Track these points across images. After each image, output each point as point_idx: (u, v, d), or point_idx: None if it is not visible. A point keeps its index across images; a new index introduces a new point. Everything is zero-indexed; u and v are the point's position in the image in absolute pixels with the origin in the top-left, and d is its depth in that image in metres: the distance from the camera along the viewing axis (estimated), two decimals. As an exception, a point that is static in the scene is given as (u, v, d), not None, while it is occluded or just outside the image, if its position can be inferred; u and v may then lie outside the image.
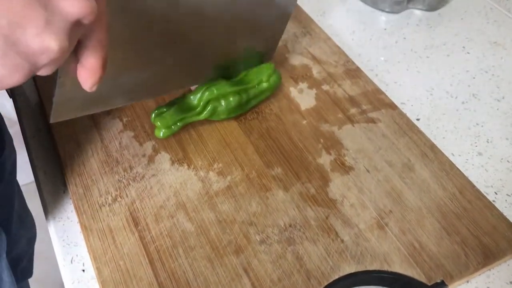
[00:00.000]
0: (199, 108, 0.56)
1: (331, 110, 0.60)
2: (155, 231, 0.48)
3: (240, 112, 0.58)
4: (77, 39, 0.29)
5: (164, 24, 0.47)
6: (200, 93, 0.56)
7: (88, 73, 0.32)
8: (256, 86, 0.58)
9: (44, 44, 0.27)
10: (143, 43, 0.47)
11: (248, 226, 0.49)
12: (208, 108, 0.56)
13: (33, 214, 0.90)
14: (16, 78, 0.28)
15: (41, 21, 0.26)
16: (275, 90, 0.61)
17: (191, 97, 0.56)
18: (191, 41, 0.52)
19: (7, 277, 0.58)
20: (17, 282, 0.69)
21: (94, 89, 0.33)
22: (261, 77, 0.59)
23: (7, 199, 0.70)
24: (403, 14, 0.78)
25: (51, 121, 0.46)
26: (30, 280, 0.92)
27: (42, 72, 0.30)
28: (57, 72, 0.39)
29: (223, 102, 0.56)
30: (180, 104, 0.56)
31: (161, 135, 0.55)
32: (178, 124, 0.55)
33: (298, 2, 0.76)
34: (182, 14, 0.48)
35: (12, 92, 0.63)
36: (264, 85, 0.59)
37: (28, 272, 0.85)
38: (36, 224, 0.89)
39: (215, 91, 0.56)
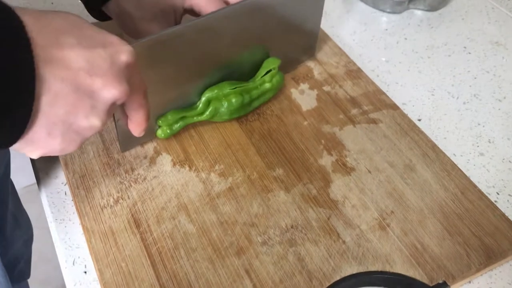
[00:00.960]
0: (200, 107, 0.56)
1: (332, 111, 0.60)
2: (156, 233, 0.48)
3: (242, 114, 0.58)
4: (116, 109, 0.39)
5: (197, 61, 0.54)
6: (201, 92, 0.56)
7: (134, 125, 0.43)
8: (259, 86, 0.58)
9: (91, 123, 0.36)
10: (180, 79, 0.54)
11: (250, 228, 0.49)
12: (210, 109, 0.56)
13: (35, 216, 0.90)
14: (72, 147, 0.37)
15: (88, 108, 0.35)
16: (278, 91, 0.61)
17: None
18: (226, 68, 0.57)
19: (2, 277, 0.58)
20: (14, 283, 0.69)
21: (142, 134, 0.44)
22: (265, 71, 0.59)
23: (0, 199, 0.71)
24: (404, 15, 0.78)
25: (122, 151, 0.55)
26: (32, 282, 0.92)
27: None
28: (115, 117, 0.50)
29: (224, 103, 0.56)
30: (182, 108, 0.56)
31: (162, 135, 0.55)
32: (180, 123, 0.55)
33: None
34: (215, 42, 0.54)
35: None
36: (267, 85, 0.59)
37: (26, 273, 0.85)
38: (38, 226, 0.89)
39: (215, 90, 0.56)
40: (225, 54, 0.56)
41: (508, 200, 0.54)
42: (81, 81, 0.34)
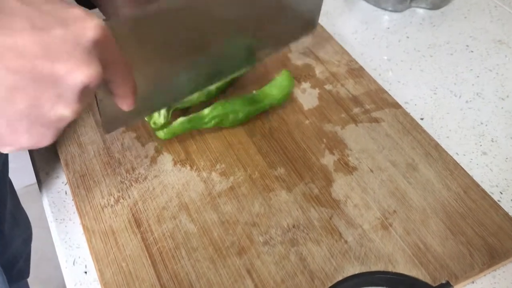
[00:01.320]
0: (206, 120, 0.55)
1: (334, 110, 0.60)
2: (157, 233, 0.48)
3: (245, 121, 0.58)
4: (91, 94, 0.34)
5: (187, 32, 0.49)
6: (212, 109, 0.55)
7: (121, 99, 0.38)
8: (266, 99, 0.58)
9: (59, 114, 0.32)
10: (171, 52, 0.49)
11: (251, 227, 0.49)
12: (216, 120, 0.55)
13: (35, 215, 0.90)
14: (45, 141, 0.33)
15: (52, 97, 0.31)
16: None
17: (205, 111, 0.55)
18: (221, 39, 0.52)
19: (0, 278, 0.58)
20: (13, 282, 0.69)
21: (132, 107, 0.39)
22: (275, 92, 0.58)
23: None
24: (406, 13, 0.78)
25: (105, 133, 0.50)
26: (33, 281, 0.92)
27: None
28: (97, 96, 0.43)
29: (231, 116, 0.56)
30: (192, 118, 0.55)
31: (163, 135, 0.55)
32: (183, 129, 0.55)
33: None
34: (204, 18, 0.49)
35: None
36: (275, 102, 0.59)
37: (25, 272, 0.85)
38: (39, 225, 0.89)
39: (227, 107, 0.56)
40: (213, 36, 0.51)
41: (511, 200, 0.53)
42: (39, 70, 0.30)
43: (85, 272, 0.47)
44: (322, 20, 0.74)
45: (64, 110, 0.32)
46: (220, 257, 0.46)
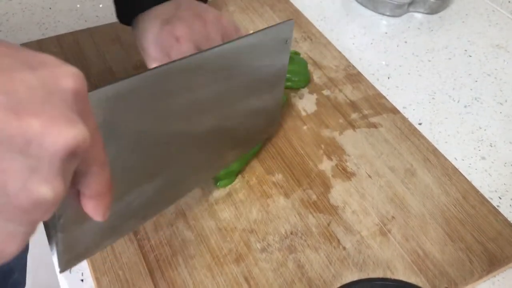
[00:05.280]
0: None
1: (332, 115, 0.60)
2: (154, 240, 0.48)
3: None
4: (72, 173, 0.23)
5: (155, 146, 0.41)
6: None
7: (95, 201, 0.26)
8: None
9: (33, 196, 0.21)
10: (140, 162, 0.40)
11: (249, 234, 0.48)
12: None
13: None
14: (11, 249, 0.22)
15: (23, 170, 0.21)
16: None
17: None
18: (191, 153, 0.46)
19: None
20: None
21: (107, 216, 0.27)
22: None
23: None
24: (404, 18, 0.77)
25: (61, 272, 0.37)
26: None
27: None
28: (54, 215, 0.32)
29: None
30: None
31: None
32: None
33: (299, 7, 0.76)
34: (172, 137, 0.42)
35: None
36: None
37: (21, 284, 0.84)
38: (38, 231, 0.88)
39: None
40: (189, 121, 0.43)
41: (510, 205, 0.53)
42: (3, 129, 0.20)
43: (82, 280, 0.47)
44: (320, 25, 0.74)
45: (42, 189, 0.21)
46: (218, 265, 0.46)
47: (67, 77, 0.23)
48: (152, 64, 0.48)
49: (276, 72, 0.51)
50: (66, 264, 0.37)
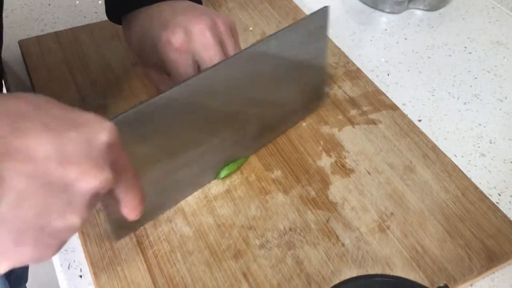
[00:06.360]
0: None
1: (331, 112, 0.60)
2: (153, 236, 0.48)
3: None
4: (98, 201, 0.31)
5: (192, 128, 0.47)
6: None
7: (128, 209, 0.34)
8: None
9: (68, 223, 0.29)
10: (173, 150, 0.47)
11: (247, 230, 0.48)
12: None
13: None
14: (47, 255, 0.30)
15: (63, 205, 0.28)
16: None
17: None
18: (224, 134, 0.50)
19: (1, 284, 0.57)
20: (12, 288, 0.68)
21: (138, 217, 0.35)
22: None
23: None
24: (404, 15, 0.77)
25: (116, 240, 0.47)
26: (31, 285, 0.92)
27: None
28: (103, 204, 0.42)
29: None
30: None
31: None
32: None
33: (298, 4, 0.76)
34: (216, 103, 0.48)
35: (6, 84, 0.63)
36: None
37: (23, 279, 0.84)
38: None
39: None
40: (218, 126, 0.49)
41: (510, 202, 0.53)
42: (51, 174, 0.27)
43: (80, 276, 0.47)
44: (320, 21, 0.74)
45: (73, 219, 0.29)
46: (216, 261, 0.46)
47: (103, 133, 0.30)
48: (150, 72, 0.50)
49: (316, 54, 0.56)
50: (118, 235, 0.47)
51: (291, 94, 0.56)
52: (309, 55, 0.54)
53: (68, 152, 0.28)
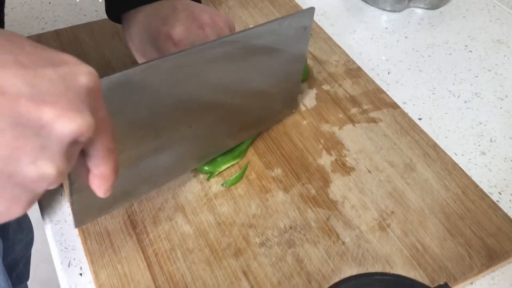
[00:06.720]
0: None
1: (332, 110, 0.60)
2: (153, 234, 0.48)
3: None
4: (77, 155, 0.28)
5: (174, 107, 0.45)
6: None
7: (99, 180, 0.30)
8: None
9: (40, 171, 0.25)
10: (155, 129, 0.45)
11: (248, 229, 0.48)
12: None
13: (31, 217, 0.89)
14: (16, 210, 0.26)
15: (35, 149, 0.25)
16: None
17: None
18: (206, 119, 0.49)
19: (3, 281, 0.57)
20: (13, 286, 0.68)
21: (108, 194, 0.31)
22: None
23: None
24: (405, 13, 0.77)
25: (76, 227, 0.45)
26: (32, 283, 0.92)
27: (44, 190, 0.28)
28: (70, 178, 0.38)
29: None
30: None
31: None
32: None
33: (298, 2, 0.76)
34: (193, 95, 0.46)
35: None
36: None
37: (24, 276, 0.85)
38: (34, 227, 0.88)
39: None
40: (207, 99, 0.48)
41: (510, 200, 0.53)
42: (22, 112, 0.24)
43: (80, 274, 0.47)
44: (320, 20, 0.74)
45: (47, 166, 0.25)
46: (216, 259, 0.46)
47: (83, 75, 0.27)
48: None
49: (295, 58, 0.54)
50: (79, 221, 0.44)
51: (268, 89, 0.54)
52: (288, 55, 0.52)
53: (43, 90, 0.25)
